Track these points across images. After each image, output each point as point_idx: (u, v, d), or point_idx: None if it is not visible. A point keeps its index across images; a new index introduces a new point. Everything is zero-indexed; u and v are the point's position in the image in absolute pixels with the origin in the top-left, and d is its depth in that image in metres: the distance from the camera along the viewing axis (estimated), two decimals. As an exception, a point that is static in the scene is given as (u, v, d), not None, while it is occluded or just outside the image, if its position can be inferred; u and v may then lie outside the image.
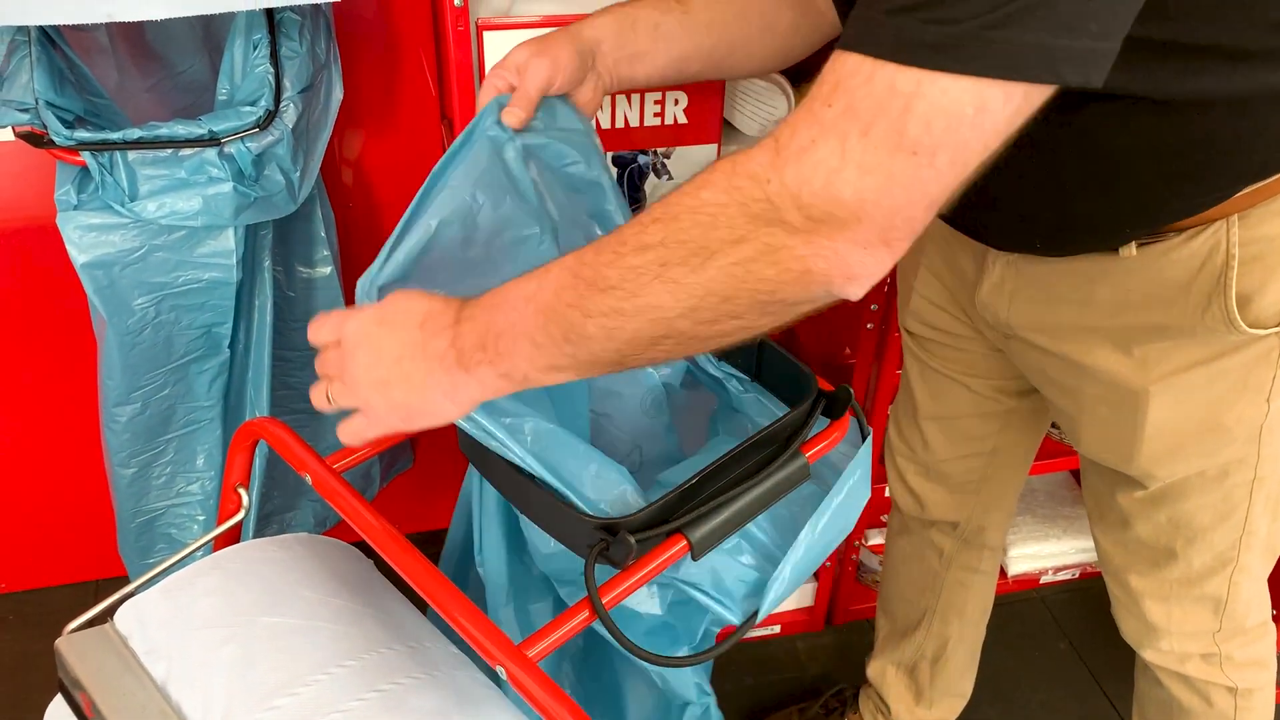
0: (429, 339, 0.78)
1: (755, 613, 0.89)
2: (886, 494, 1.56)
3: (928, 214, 0.61)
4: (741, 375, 1.03)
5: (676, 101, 1.29)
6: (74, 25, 1.21)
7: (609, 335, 0.68)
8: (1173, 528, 1.14)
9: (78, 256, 1.30)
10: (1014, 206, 0.97)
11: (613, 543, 0.81)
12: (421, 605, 0.85)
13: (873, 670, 1.69)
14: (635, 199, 1.36)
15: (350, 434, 0.84)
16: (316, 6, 1.36)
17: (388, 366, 0.79)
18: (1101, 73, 0.57)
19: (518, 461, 0.84)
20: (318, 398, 0.85)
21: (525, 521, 0.94)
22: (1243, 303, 0.95)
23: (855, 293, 0.64)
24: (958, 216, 1.07)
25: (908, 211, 0.60)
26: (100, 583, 1.96)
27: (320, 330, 0.84)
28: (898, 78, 0.56)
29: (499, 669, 0.74)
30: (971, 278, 1.14)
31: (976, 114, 0.56)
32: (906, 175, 0.58)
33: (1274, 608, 1.28)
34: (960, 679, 1.62)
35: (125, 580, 0.86)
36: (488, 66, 1.21)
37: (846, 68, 0.57)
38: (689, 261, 0.63)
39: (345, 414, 0.86)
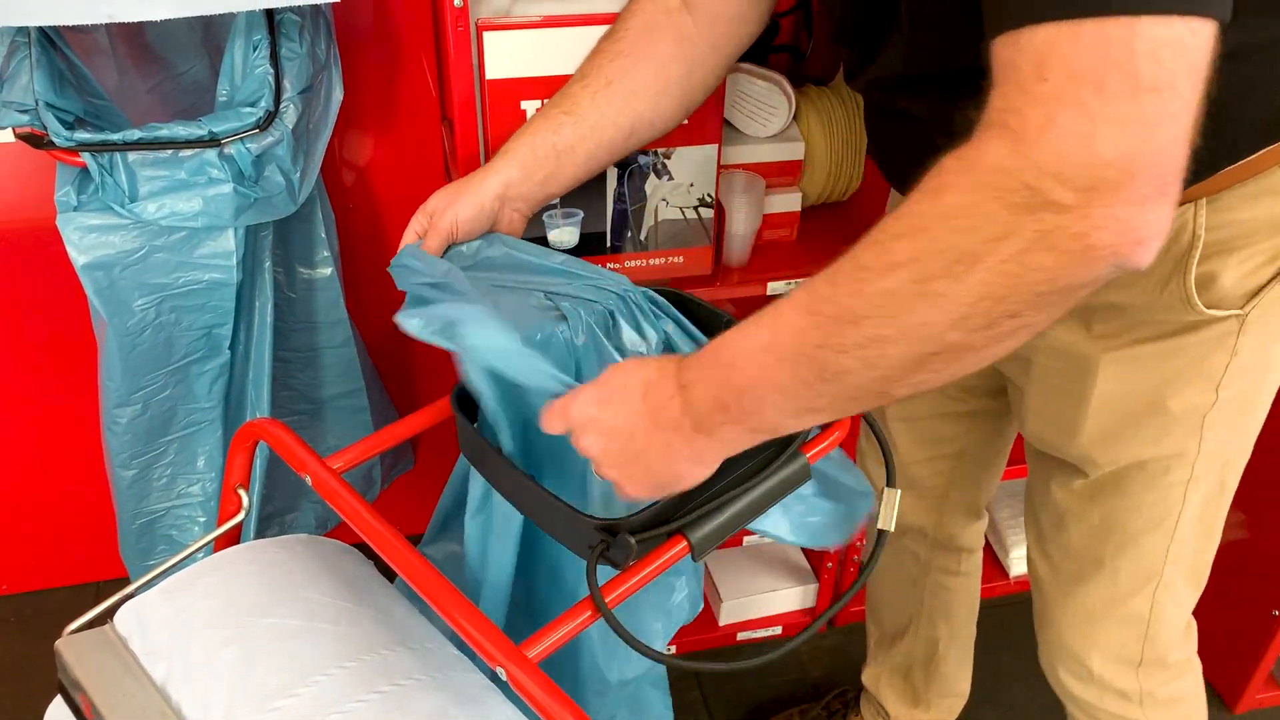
0: (657, 411, 0.76)
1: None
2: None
3: (1186, 148, 0.59)
4: None
5: (677, 102, 1.29)
6: (74, 26, 1.21)
7: (870, 365, 0.66)
8: (1104, 530, 1.13)
9: (78, 258, 1.30)
10: None
11: (613, 544, 0.81)
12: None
13: (868, 677, 1.69)
14: (636, 200, 1.36)
15: (618, 504, 0.82)
16: (316, 7, 1.36)
17: (623, 445, 0.78)
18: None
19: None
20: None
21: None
22: (1203, 283, 0.94)
23: (1145, 258, 0.60)
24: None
25: (1173, 150, 0.58)
26: (101, 584, 1.96)
27: (552, 422, 0.81)
28: (1107, 28, 0.55)
29: (499, 670, 0.74)
30: None
31: (1192, 37, 0.57)
32: (1159, 113, 0.57)
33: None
34: (956, 680, 1.62)
35: (126, 582, 0.86)
36: (488, 67, 1.22)
37: (1042, 39, 0.56)
38: (952, 270, 0.60)
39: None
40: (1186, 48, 0.57)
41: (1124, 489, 1.10)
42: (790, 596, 1.91)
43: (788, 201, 1.54)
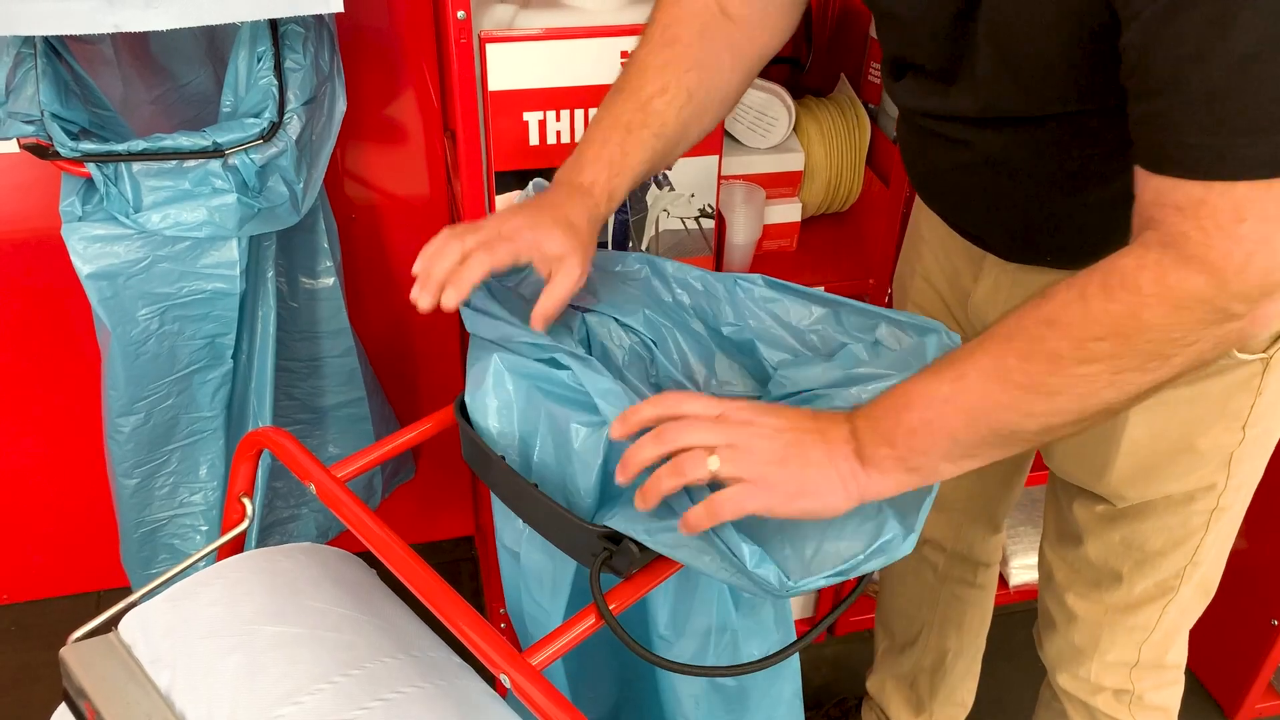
0: (826, 425, 0.79)
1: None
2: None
3: None
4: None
5: (678, 113, 1.30)
6: (79, 37, 1.22)
7: (1046, 429, 0.76)
8: (1124, 548, 1.15)
9: (82, 267, 1.31)
10: (1032, 221, 0.99)
11: (616, 551, 0.81)
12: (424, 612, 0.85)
13: (872, 684, 1.69)
14: (638, 210, 1.36)
15: (726, 507, 0.76)
16: (320, 18, 1.36)
17: (787, 442, 0.78)
18: None
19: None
20: (692, 466, 0.77)
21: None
22: None
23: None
24: (970, 227, 1.08)
25: None
26: (102, 594, 1.96)
27: (691, 403, 0.79)
28: None
29: (502, 677, 0.74)
30: (967, 285, 1.15)
31: None
32: None
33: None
34: (960, 689, 1.62)
35: (127, 591, 0.86)
36: (491, 79, 1.22)
37: (1242, 192, 0.67)
38: (1145, 367, 0.72)
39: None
40: None
41: (1147, 514, 1.12)
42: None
43: (787, 212, 1.55)
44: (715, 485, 0.78)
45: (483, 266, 0.88)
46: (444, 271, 0.88)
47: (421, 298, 0.89)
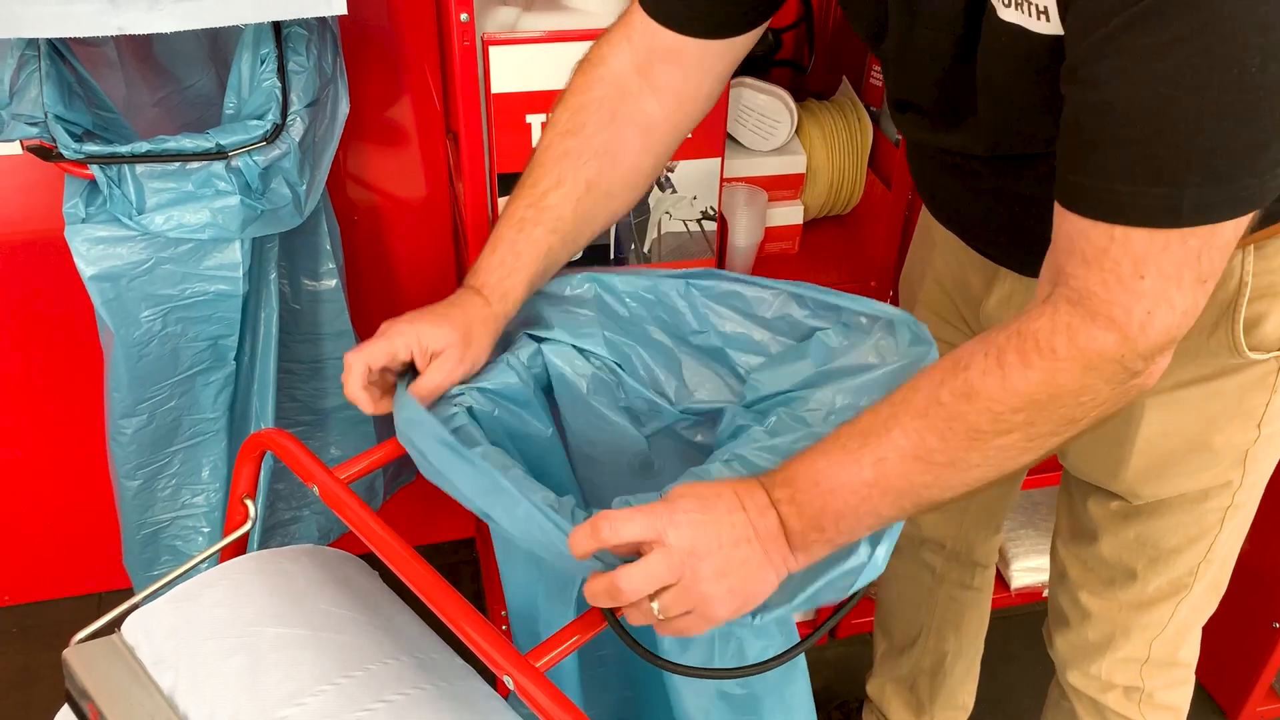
0: (756, 519, 0.79)
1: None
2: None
3: None
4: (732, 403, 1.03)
5: (681, 116, 1.30)
6: (83, 39, 1.22)
7: (964, 494, 0.79)
8: (1139, 546, 1.15)
9: (85, 269, 1.31)
10: (1047, 242, 0.98)
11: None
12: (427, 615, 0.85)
13: (872, 687, 1.69)
14: (639, 211, 1.36)
15: (683, 632, 0.79)
16: (323, 21, 1.37)
17: (726, 553, 0.77)
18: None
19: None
20: (640, 617, 0.78)
21: None
22: (1248, 327, 0.97)
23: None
24: (984, 246, 1.08)
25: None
26: (104, 595, 1.96)
27: (627, 527, 0.76)
28: (1193, 236, 0.69)
29: (505, 679, 0.74)
30: (978, 292, 1.15)
31: (1238, 227, 0.70)
32: (1203, 298, 0.72)
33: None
34: (960, 692, 1.62)
35: (129, 593, 0.86)
36: (494, 81, 1.23)
37: (1140, 242, 0.69)
38: (1059, 431, 0.75)
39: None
40: (1234, 238, 0.70)
41: (1162, 512, 1.12)
42: (792, 608, 1.91)
43: (789, 214, 1.55)
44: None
45: (358, 366, 0.92)
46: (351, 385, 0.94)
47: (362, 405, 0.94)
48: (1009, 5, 0.78)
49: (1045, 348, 0.72)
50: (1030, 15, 0.76)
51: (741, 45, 1.00)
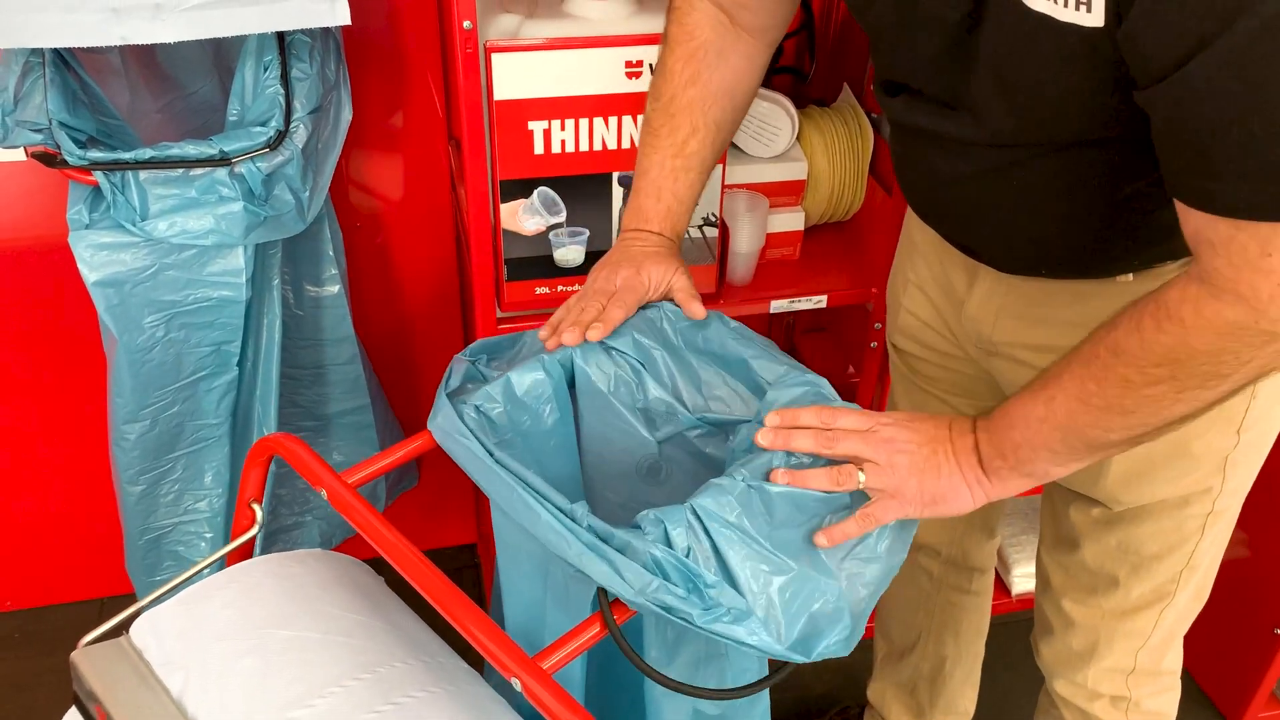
0: (956, 436, 0.92)
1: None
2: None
3: None
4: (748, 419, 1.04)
5: (682, 122, 1.31)
6: (88, 47, 1.22)
7: (1131, 438, 0.86)
8: (1120, 553, 1.16)
9: (89, 275, 1.31)
10: (1032, 236, 1.00)
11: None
12: (432, 619, 0.86)
13: (873, 692, 1.70)
14: (641, 218, 1.37)
15: (875, 517, 0.89)
16: (327, 29, 1.37)
17: (925, 455, 0.91)
18: None
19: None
20: (843, 478, 0.89)
21: None
22: None
23: None
24: (965, 240, 1.09)
25: None
26: (106, 601, 1.96)
27: (845, 419, 0.91)
28: None
29: (514, 680, 0.74)
30: (961, 294, 1.16)
31: None
32: None
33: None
34: (960, 697, 1.62)
35: (131, 598, 0.86)
36: (496, 88, 1.23)
37: (1267, 229, 0.72)
38: (1206, 384, 0.79)
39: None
40: None
41: (1143, 518, 1.12)
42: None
43: (791, 220, 1.55)
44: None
45: (623, 311, 1.02)
46: (589, 315, 1.02)
47: (567, 335, 1.00)
48: None
49: (1175, 315, 0.77)
50: (1061, 4, 0.76)
51: None
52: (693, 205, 1.12)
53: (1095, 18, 0.75)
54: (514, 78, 1.24)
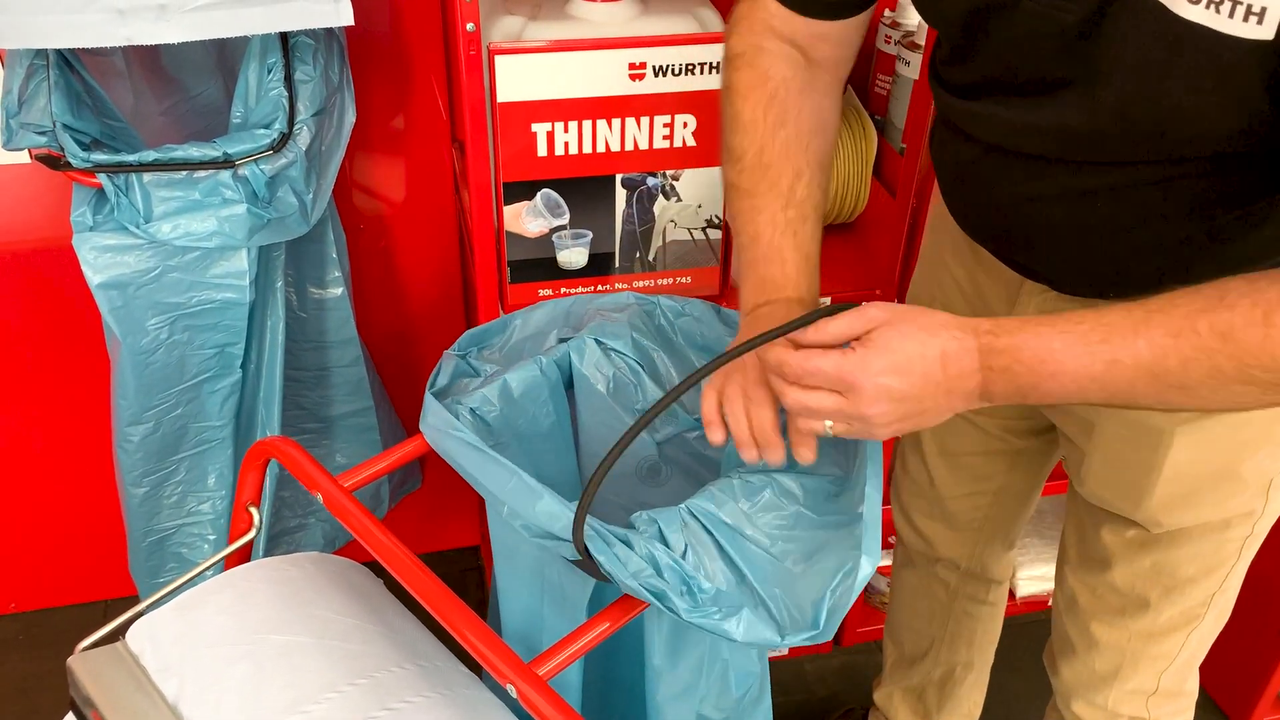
0: (954, 381, 0.81)
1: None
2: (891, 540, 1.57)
3: None
4: None
5: (685, 125, 1.31)
6: (91, 49, 1.22)
7: (1163, 406, 0.81)
8: (1154, 575, 1.12)
9: (93, 277, 1.31)
10: (1112, 257, 0.94)
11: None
12: (431, 623, 0.85)
13: (879, 696, 1.69)
14: (644, 220, 1.37)
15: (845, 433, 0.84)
16: (330, 31, 1.37)
17: (909, 409, 0.81)
18: None
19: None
20: (811, 424, 0.84)
21: None
22: None
23: None
24: (1027, 260, 1.03)
25: None
26: (109, 603, 1.97)
27: (822, 363, 0.81)
28: None
29: (509, 687, 0.74)
30: (998, 311, 1.11)
31: None
32: None
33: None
34: (968, 701, 1.61)
35: (134, 600, 0.86)
36: (500, 90, 1.23)
37: None
38: (1271, 370, 0.73)
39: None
40: None
41: (1181, 541, 1.09)
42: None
43: (795, 223, 1.55)
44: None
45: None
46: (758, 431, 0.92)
47: (747, 455, 0.92)
48: (1196, 1, 0.71)
49: (1250, 310, 0.72)
50: (1225, 15, 0.70)
51: (869, 11, 1.02)
52: (818, 257, 1.01)
53: (1267, 30, 0.69)
54: (517, 80, 1.23)
